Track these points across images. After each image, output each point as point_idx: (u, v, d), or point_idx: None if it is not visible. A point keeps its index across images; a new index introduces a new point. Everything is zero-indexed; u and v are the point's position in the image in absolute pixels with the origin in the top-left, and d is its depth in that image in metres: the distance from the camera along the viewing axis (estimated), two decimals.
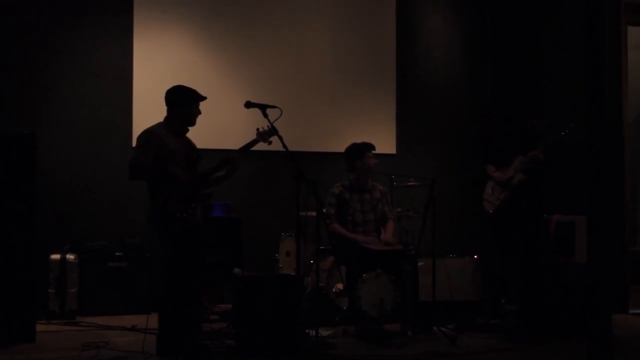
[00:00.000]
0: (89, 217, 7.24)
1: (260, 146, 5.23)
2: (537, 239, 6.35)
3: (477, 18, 8.70)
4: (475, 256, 6.83)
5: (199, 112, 5.10)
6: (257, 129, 5.19)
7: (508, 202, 6.26)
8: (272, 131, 5.12)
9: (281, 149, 4.99)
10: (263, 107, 5.09)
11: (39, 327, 5.72)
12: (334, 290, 6.28)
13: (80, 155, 7.33)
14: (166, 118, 5.09)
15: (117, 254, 6.96)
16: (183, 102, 5.04)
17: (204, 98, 5.09)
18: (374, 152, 6.36)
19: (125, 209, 7.22)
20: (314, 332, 5.13)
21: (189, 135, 5.18)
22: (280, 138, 5.00)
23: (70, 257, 6.71)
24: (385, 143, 8.08)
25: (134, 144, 5.50)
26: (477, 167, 6.73)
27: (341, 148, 6.61)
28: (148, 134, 4.97)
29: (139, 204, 5.45)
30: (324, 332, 5.67)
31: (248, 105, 5.12)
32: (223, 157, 5.17)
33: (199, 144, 5.31)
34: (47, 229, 6.44)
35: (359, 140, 6.43)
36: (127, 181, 5.08)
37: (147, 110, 6.75)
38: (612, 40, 7.08)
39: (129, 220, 7.18)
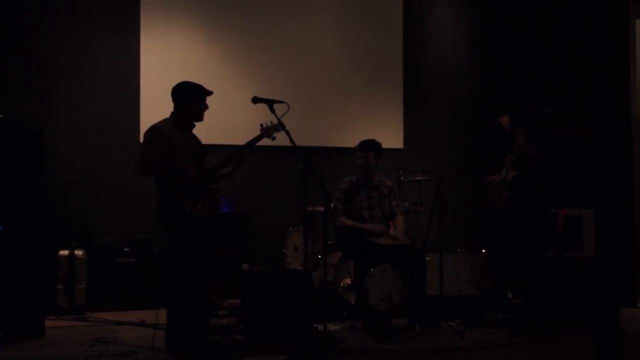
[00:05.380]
0: (97, 213, 7.26)
1: (267, 141, 5.24)
2: (539, 232, 6.33)
3: (484, 11, 8.68)
4: (483, 250, 6.82)
5: (206, 107, 5.10)
6: (261, 125, 5.19)
7: (509, 200, 6.26)
8: (278, 126, 5.11)
9: (288, 144, 4.98)
10: (270, 103, 5.08)
11: (48, 323, 5.74)
12: (341, 285, 6.28)
13: (88, 151, 7.35)
14: (173, 114, 5.09)
15: (125, 249, 6.98)
16: (190, 98, 5.04)
17: (210, 93, 5.09)
18: (369, 152, 6.32)
19: (133, 205, 7.23)
20: (321, 326, 5.13)
21: (196, 130, 5.19)
22: (288, 133, 4.99)
23: (78, 252, 6.73)
24: (392, 137, 8.08)
25: (141, 140, 5.52)
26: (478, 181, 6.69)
27: (348, 143, 6.61)
28: (155, 130, 4.97)
29: (147, 200, 5.45)
30: (332, 326, 5.68)
31: (255, 100, 5.11)
32: (230, 153, 5.18)
33: (206, 139, 5.32)
34: (56, 225, 6.45)
35: (366, 135, 6.42)
36: (135, 177, 5.09)
37: (154, 106, 6.75)
38: (620, 32, 7.06)
39: (137, 216, 7.20)
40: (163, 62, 7.47)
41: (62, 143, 7.15)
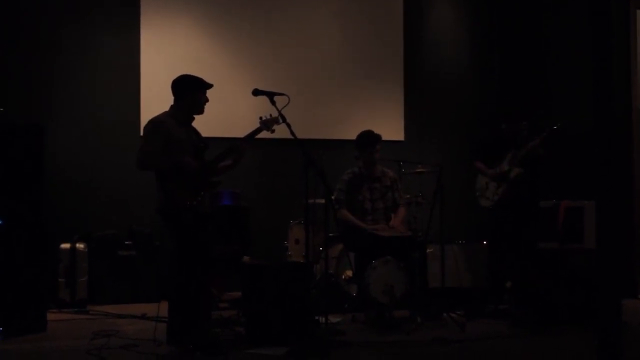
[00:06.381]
0: (98, 207, 7.28)
1: (268, 134, 5.22)
2: (534, 225, 6.35)
3: (485, 7, 8.67)
4: (485, 242, 6.82)
5: (207, 100, 5.07)
6: (260, 118, 5.17)
7: (507, 195, 6.27)
8: (277, 119, 5.10)
9: (289, 136, 4.96)
10: (271, 95, 5.05)
11: (50, 316, 5.76)
12: (343, 277, 6.29)
13: (90, 146, 7.37)
14: (173, 107, 5.06)
15: (126, 242, 6.99)
16: (190, 91, 5.01)
17: (210, 85, 5.07)
18: (378, 145, 6.31)
19: (134, 199, 7.24)
20: (323, 319, 5.13)
21: (196, 123, 5.17)
22: (289, 125, 4.96)
23: (80, 246, 6.74)
24: (393, 130, 8.08)
25: (142, 135, 5.52)
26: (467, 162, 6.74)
27: (349, 135, 6.60)
28: (155, 123, 4.94)
29: (148, 194, 5.45)
30: (333, 319, 5.69)
31: (256, 93, 5.08)
32: (229, 146, 5.16)
33: (207, 132, 5.31)
34: (57, 223, 6.46)
35: (367, 128, 6.40)
36: (135, 176, 5.09)
37: (155, 101, 6.70)
38: (620, 24, 7.04)
39: (137, 210, 7.21)
40: (163, 60, 7.46)
41: (64, 139, 7.18)
